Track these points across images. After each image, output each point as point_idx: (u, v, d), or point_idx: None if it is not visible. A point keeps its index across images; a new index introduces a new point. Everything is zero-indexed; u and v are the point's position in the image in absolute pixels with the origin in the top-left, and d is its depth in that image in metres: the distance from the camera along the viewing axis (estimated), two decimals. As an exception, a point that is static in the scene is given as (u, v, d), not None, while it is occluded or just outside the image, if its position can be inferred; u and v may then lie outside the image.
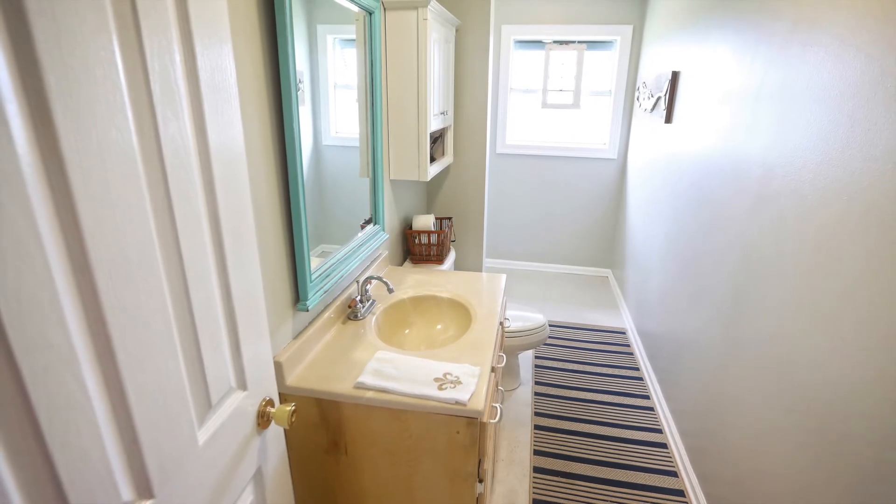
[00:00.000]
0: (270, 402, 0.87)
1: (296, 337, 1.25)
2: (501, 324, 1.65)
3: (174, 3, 0.59)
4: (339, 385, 1.15)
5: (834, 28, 1.12)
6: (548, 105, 3.57)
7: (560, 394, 2.38)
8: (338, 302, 1.45)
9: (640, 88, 3.14)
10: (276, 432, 0.93)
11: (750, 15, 1.58)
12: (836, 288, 1.06)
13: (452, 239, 2.50)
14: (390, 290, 1.47)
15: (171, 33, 0.59)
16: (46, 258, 0.45)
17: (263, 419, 0.85)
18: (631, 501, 1.76)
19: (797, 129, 1.25)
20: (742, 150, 1.57)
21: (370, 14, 1.52)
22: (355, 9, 1.45)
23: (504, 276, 1.82)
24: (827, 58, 1.13)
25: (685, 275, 2.05)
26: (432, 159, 2.17)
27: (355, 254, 1.53)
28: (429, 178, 1.93)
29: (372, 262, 1.75)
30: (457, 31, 2.31)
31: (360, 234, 1.61)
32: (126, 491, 0.57)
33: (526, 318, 2.31)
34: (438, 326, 1.62)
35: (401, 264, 2.19)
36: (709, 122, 1.89)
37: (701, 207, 1.92)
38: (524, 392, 2.39)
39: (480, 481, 1.16)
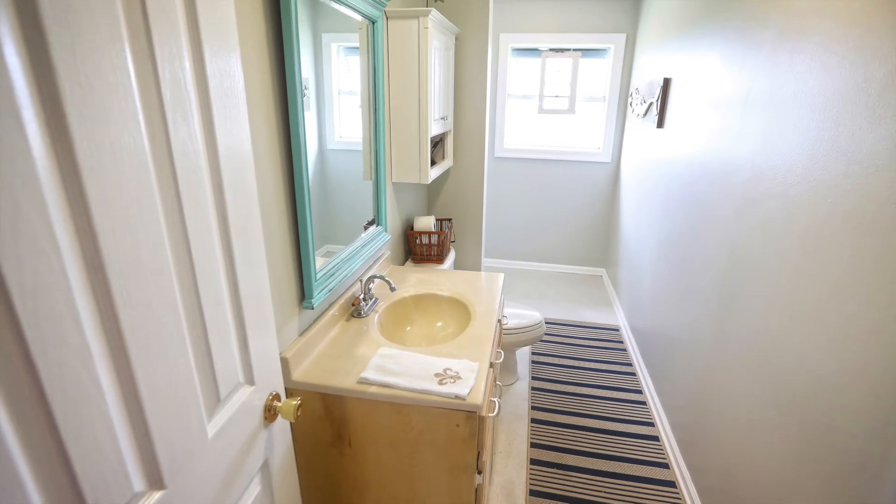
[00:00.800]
0: (277, 397, 0.89)
1: (301, 334, 1.27)
2: (499, 321, 1.67)
3: (184, 12, 0.60)
4: (343, 380, 1.17)
5: (820, 37, 1.14)
6: (544, 110, 3.61)
7: (556, 388, 2.41)
8: (342, 300, 1.47)
9: (633, 94, 3.16)
10: (282, 426, 0.95)
11: (739, 24, 1.60)
12: (820, 287, 1.08)
13: (452, 239, 2.53)
14: (392, 289, 1.49)
15: (181, 41, 0.59)
16: (62, 258, 0.46)
17: (270, 413, 0.86)
18: (624, 492, 1.79)
19: (784, 134, 1.27)
20: (731, 154, 1.60)
21: (373, 23, 1.54)
22: (359, 18, 1.47)
23: (502, 276, 1.84)
24: (813, 65, 1.15)
25: (676, 274, 2.08)
26: (433, 162, 2.19)
27: (359, 254, 1.55)
28: (429, 181, 1.95)
29: (375, 262, 1.77)
30: (456, 38, 2.33)
31: (363, 235, 1.63)
32: (138, 482, 0.58)
33: (523, 315, 2.33)
34: (439, 324, 1.64)
35: (402, 264, 2.21)
36: (699, 127, 1.91)
37: (691, 209, 1.94)
38: (521, 387, 2.42)
39: (479, 473, 1.18)
